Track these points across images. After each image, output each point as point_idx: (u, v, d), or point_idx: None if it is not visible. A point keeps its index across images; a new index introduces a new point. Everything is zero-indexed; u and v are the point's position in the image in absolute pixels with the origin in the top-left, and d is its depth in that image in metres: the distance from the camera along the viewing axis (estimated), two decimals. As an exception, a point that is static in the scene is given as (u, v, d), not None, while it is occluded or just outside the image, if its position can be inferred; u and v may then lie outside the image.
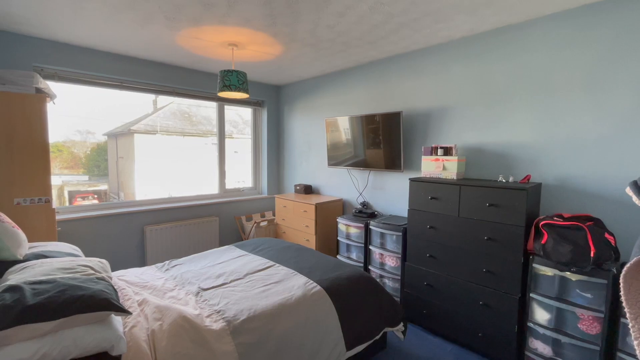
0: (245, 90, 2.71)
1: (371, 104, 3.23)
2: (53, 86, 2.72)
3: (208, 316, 1.56)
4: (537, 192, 2.06)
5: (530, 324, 1.88)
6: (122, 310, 1.18)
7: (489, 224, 2.01)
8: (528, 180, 2.10)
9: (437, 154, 2.41)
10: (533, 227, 1.90)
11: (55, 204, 3.18)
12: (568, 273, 1.72)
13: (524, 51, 2.19)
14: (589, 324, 1.68)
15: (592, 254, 1.61)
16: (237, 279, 1.99)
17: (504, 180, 2.16)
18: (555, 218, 1.83)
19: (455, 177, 2.30)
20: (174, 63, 3.32)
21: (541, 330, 1.83)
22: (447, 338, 2.31)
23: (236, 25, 2.29)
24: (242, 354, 1.40)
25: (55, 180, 3.37)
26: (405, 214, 2.93)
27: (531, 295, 1.87)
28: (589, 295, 1.68)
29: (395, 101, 3.01)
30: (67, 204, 3.42)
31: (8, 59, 2.49)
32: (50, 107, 2.53)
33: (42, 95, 2.25)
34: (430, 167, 2.44)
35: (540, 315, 1.85)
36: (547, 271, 1.81)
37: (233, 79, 2.62)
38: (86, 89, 3.04)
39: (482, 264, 2.06)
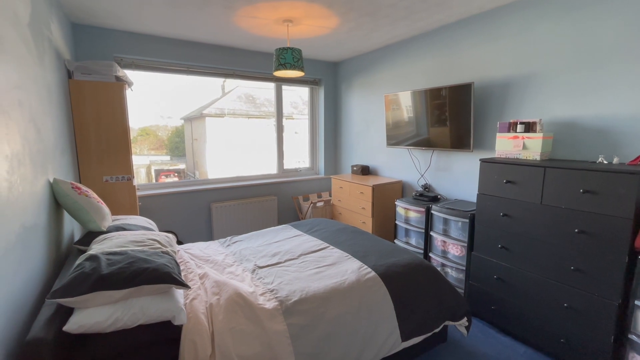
0: (301, 68, 2.64)
1: (437, 76, 2.91)
2: (131, 74, 2.99)
3: (262, 294, 1.59)
4: (653, 176, 1.64)
5: (633, 337, 1.55)
6: (182, 284, 1.25)
7: (582, 214, 1.68)
8: (640, 161, 1.68)
9: (516, 131, 2.07)
10: (645, 220, 1.52)
11: (142, 180, 3.62)
12: (695, 280, 1.36)
13: (646, -5, 1.70)
14: None
15: None
16: (291, 259, 2.00)
17: (605, 162, 1.77)
18: (679, 210, 1.44)
19: (538, 158, 1.96)
20: (233, 45, 3.38)
21: (648, 345, 1.50)
22: (518, 338, 2.06)
23: (290, -2, 2.20)
24: (293, 335, 1.40)
25: (144, 160, 3.85)
26: (473, 199, 2.64)
27: (636, 302, 1.53)
28: None
29: (465, 72, 2.66)
30: (153, 180, 3.88)
31: (92, 50, 2.78)
32: (139, 95, 2.81)
33: (121, 83, 2.47)
34: (507, 145, 2.12)
35: (648, 327, 1.51)
36: (663, 275, 1.45)
37: (288, 56, 2.56)
38: (163, 76, 3.29)
39: (570, 261, 1.74)
